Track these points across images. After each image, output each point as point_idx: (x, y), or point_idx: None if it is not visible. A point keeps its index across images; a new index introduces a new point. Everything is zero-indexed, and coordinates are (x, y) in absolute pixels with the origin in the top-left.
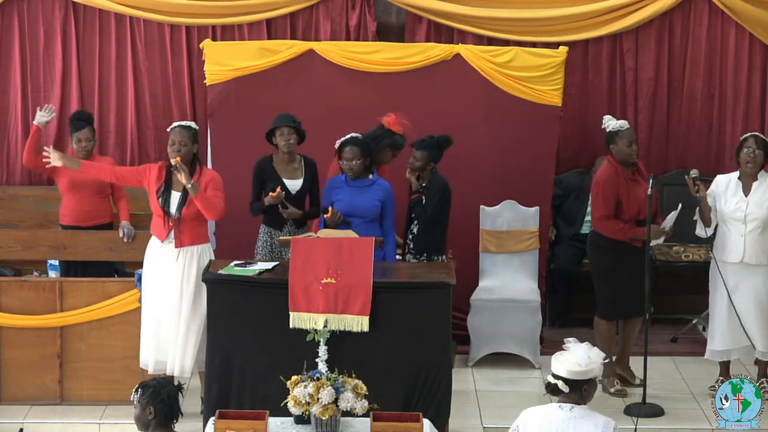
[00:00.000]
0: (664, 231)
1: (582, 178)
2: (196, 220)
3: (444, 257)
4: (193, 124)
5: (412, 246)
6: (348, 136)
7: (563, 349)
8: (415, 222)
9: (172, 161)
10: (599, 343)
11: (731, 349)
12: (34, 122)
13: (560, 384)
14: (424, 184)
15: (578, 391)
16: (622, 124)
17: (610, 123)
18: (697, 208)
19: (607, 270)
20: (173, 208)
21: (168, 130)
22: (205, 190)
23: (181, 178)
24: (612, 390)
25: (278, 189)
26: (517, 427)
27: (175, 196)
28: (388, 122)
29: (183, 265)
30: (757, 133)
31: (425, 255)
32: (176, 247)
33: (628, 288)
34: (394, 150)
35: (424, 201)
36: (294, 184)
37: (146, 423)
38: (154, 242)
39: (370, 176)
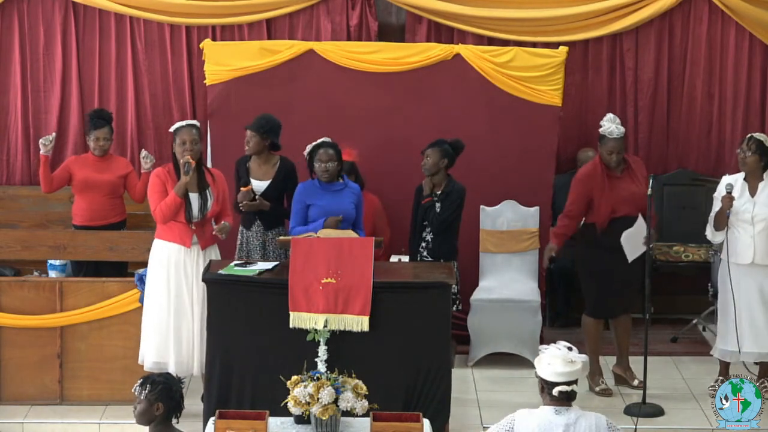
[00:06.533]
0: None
1: (568, 176)
2: (209, 219)
3: (457, 262)
4: (197, 123)
5: (426, 253)
6: (321, 140)
7: (541, 358)
8: (428, 229)
9: (183, 163)
10: (586, 340)
11: (740, 352)
12: (41, 153)
13: (574, 387)
14: (439, 192)
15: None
16: (611, 131)
17: (603, 125)
18: (715, 214)
19: (591, 266)
20: (195, 211)
21: (172, 130)
22: (222, 195)
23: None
24: (597, 389)
25: (249, 186)
26: (511, 427)
27: (194, 198)
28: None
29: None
30: (753, 135)
31: (441, 261)
32: (202, 249)
33: (614, 286)
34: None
35: (438, 207)
36: (260, 185)
37: (151, 418)
38: (173, 248)
39: (341, 180)
